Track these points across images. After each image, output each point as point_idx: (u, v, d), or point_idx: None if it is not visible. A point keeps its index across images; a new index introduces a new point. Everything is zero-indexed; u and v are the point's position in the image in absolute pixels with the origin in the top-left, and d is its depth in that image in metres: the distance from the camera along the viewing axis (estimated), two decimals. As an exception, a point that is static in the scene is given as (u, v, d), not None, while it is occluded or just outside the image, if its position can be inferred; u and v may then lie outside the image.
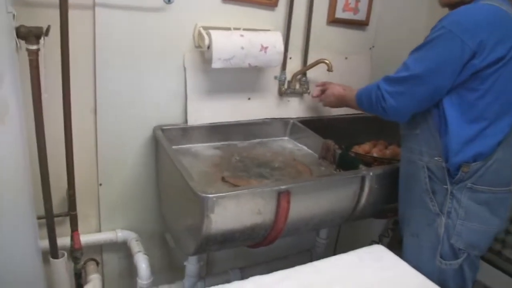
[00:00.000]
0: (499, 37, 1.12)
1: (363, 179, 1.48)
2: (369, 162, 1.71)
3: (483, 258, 1.79)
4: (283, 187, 1.32)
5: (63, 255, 1.40)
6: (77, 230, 1.45)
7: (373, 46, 2.07)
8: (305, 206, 1.40)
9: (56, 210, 1.50)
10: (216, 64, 1.54)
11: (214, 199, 1.21)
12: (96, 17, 1.43)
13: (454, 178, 1.25)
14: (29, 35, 1.08)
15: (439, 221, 1.30)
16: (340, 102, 1.65)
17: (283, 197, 1.31)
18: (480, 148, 1.21)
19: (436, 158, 1.27)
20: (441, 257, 1.31)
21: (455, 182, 1.25)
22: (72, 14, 1.36)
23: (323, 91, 1.73)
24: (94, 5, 1.42)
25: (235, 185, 1.43)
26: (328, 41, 1.92)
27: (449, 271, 1.31)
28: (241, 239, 1.35)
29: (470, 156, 1.22)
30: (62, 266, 1.38)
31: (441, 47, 1.17)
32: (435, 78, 1.20)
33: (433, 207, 1.31)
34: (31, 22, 1.13)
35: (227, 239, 1.31)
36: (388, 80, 1.29)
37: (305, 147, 1.83)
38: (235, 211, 1.27)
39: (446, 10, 1.31)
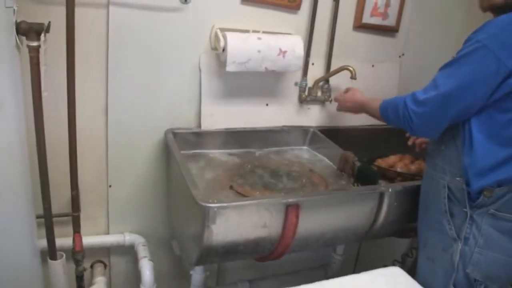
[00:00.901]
0: None
1: (381, 195, 1.38)
2: (392, 177, 1.61)
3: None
4: (291, 200, 1.24)
5: (62, 256, 1.36)
6: (79, 232, 1.42)
7: (402, 54, 1.96)
8: (316, 221, 1.32)
9: (62, 210, 1.49)
10: (230, 67, 1.48)
11: (216, 209, 1.14)
12: (110, 15, 1.41)
13: (475, 202, 1.14)
14: (29, 31, 1.05)
15: (455, 247, 1.19)
16: (358, 108, 1.55)
17: (291, 210, 1.23)
18: (508, 174, 1.10)
19: (457, 179, 1.17)
20: (454, 286, 1.20)
21: (476, 206, 1.14)
22: (85, 12, 1.36)
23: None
24: (108, 4, 1.40)
25: (242, 195, 1.36)
26: (354, 47, 1.83)
27: None
28: (245, 252, 1.28)
29: (494, 181, 1.11)
30: (59, 268, 1.35)
31: (475, 64, 1.06)
32: (465, 96, 1.09)
33: (450, 231, 1.20)
34: (40, 19, 1.11)
35: (230, 251, 1.25)
36: (416, 100, 1.18)
37: (324, 158, 1.74)
38: (238, 222, 1.20)
39: (484, 17, 1.19)
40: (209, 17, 1.53)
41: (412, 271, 1.34)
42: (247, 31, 1.55)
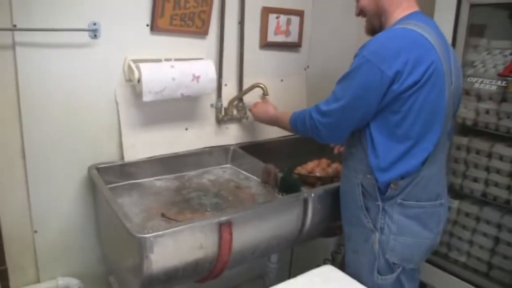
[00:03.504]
0: (414, 63, 1.17)
1: (305, 201, 1.48)
2: (313, 182, 1.71)
3: (430, 262, 1.82)
4: (223, 218, 1.29)
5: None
6: (8, 286, 1.35)
7: (307, 67, 2.10)
8: (249, 234, 1.38)
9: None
10: (147, 97, 1.51)
11: (152, 238, 1.16)
12: (17, 57, 1.38)
13: (385, 195, 1.28)
14: None
15: (374, 237, 1.32)
16: (272, 122, 1.70)
17: (224, 228, 1.29)
18: (407, 167, 1.25)
19: (368, 176, 1.30)
20: (378, 272, 1.33)
21: (386, 198, 1.28)
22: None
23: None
24: (14, 45, 1.37)
25: (174, 220, 1.39)
26: (263, 65, 1.93)
27: (387, 286, 1.33)
28: (185, 276, 1.31)
29: (397, 174, 1.25)
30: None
31: (363, 77, 1.21)
32: (361, 105, 1.24)
33: (367, 224, 1.33)
34: None
35: (171, 277, 1.27)
36: (320, 112, 1.33)
37: (247, 173, 1.81)
38: (175, 248, 1.23)
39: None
40: (120, 50, 1.55)
41: (342, 266, 1.45)
42: (159, 60, 1.59)
